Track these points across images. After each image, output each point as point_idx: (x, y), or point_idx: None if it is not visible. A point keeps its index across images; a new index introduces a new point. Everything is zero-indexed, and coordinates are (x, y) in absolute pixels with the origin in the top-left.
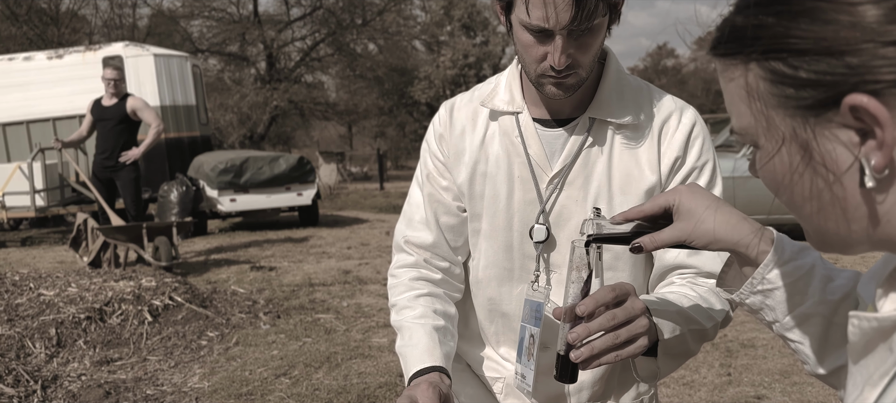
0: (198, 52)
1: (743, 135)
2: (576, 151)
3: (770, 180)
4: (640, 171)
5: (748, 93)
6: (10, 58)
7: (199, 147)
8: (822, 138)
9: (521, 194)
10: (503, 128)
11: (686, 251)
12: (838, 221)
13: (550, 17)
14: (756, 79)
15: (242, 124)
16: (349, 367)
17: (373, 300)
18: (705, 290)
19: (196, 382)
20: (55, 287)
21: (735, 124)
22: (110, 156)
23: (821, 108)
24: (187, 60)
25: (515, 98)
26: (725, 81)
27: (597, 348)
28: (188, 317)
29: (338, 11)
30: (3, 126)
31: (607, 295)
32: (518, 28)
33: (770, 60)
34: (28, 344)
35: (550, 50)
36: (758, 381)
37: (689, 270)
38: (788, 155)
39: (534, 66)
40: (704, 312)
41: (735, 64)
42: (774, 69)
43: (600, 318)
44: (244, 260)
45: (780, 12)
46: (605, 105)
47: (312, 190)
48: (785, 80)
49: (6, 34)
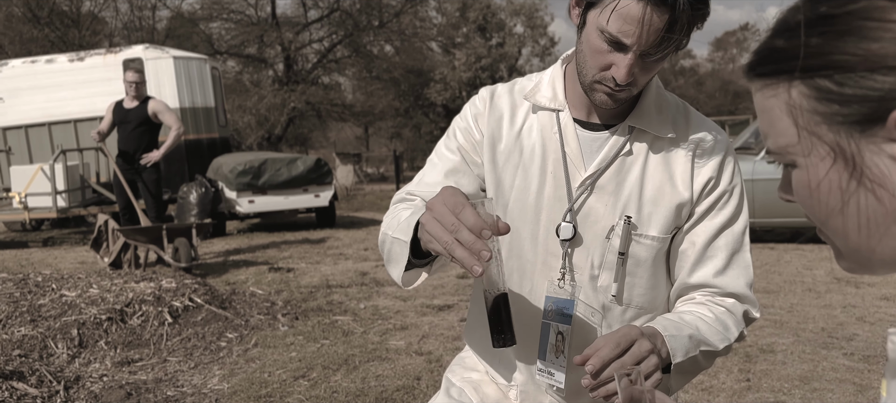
0: (216, 53)
1: (781, 155)
2: (612, 156)
3: (811, 199)
4: (672, 186)
5: (791, 111)
6: (32, 60)
7: (218, 148)
8: (869, 153)
9: (551, 190)
10: (542, 122)
11: (712, 271)
12: (884, 238)
13: (635, 34)
14: (800, 96)
15: (260, 126)
16: (367, 370)
17: (390, 302)
18: (722, 311)
19: (216, 383)
20: (77, 288)
21: (773, 143)
22: (132, 158)
23: (867, 124)
24: (206, 63)
25: (558, 95)
26: (764, 99)
27: (610, 390)
28: (208, 318)
29: (355, 13)
30: (25, 128)
31: (610, 351)
32: (592, 30)
33: (815, 78)
34: (50, 345)
35: (618, 63)
36: (777, 387)
37: (711, 289)
38: (837, 172)
39: (594, 72)
40: (719, 334)
41: (777, 83)
42: (820, 86)
43: (609, 370)
44: (262, 262)
45: (824, 33)
46: (645, 116)
47: (330, 191)
48: (831, 97)
49: (28, 36)
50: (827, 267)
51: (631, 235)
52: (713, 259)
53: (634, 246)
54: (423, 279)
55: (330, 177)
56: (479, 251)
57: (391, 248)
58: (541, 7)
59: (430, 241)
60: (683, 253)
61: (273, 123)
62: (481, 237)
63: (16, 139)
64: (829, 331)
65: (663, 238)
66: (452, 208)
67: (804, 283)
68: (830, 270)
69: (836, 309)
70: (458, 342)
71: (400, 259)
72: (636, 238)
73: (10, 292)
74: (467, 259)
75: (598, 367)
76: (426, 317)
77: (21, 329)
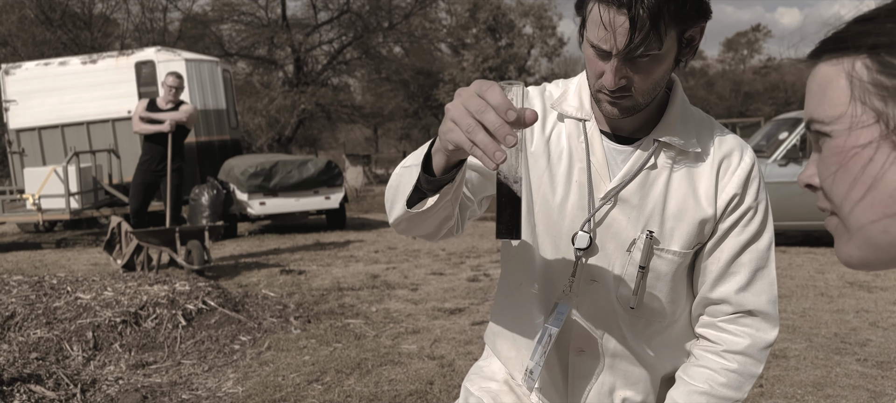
0: (227, 55)
1: (824, 123)
2: (636, 169)
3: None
4: (696, 202)
5: (850, 79)
6: (45, 63)
7: (230, 150)
8: None
9: (575, 198)
10: (569, 131)
11: (735, 287)
12: None
13: (608, 39)
14: (863, 68)
15: (271, 127)
16: (379, 374)
17: (401, 305)
18: (736, 364)
19: (230, 387)
20: (91, 290)
21: (820, 112)
22: (158, 160)
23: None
24: (218, 65)
25: (584, 105)
26: (825, 68)
27: None
28: (221, 321)
29: (364, 15)
30: (38, 129)
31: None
32: (585, 42)
33: (881, 53)
34: (66, 347)
35: (606, 69)
36: (790, 393)
37: (730, 305)
38: (878, 142)
39: (593, 81)
40: (732, 390)
41: (842, 56)
42: (884, 61)
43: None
44: (274, 264)
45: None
46: (670, 129)
47: (340, 193)
48: (892, 72)
49: (40, 39)
50: (839, 271)
51: (652, 249)
52: (736, 275)
53: (656, 261)
54: (431, 203)
55: (340, 179)
56: (504, 135)
57: (400, 182)
58: (550, 7)
59: (451, 131)
60: (706, 269)
61: (283, 125)
62: (507, 118)
63: (29, 141)
64: (842, 336)
65: (685, 253)
66: (478, 89)
67: (816, 287)
68: (843, 274)
69: (849, 314)
70: (471, 346)
71: (408, 185)
72: (658, 252)
73: (25, 294)
74: (490, 145)
75: None
76: (438, 321)
77: (37, 331)
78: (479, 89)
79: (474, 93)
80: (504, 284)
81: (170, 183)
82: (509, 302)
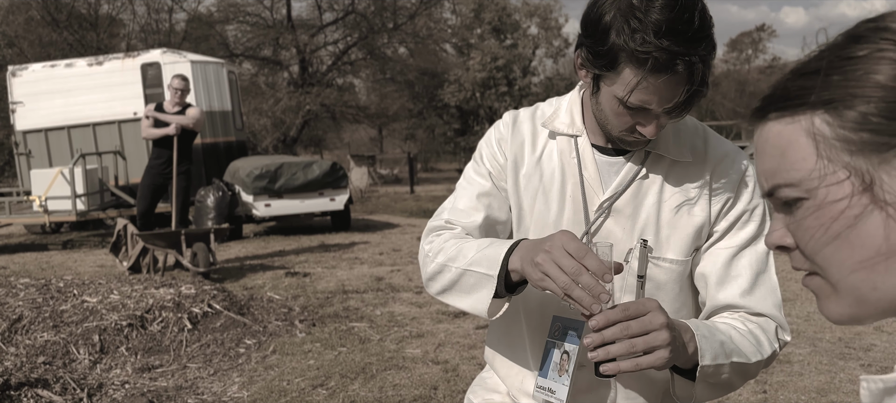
0: (232, 56)
1: (793, 187)
2: (629, 180)
3: (818, 229)
4: (689, 208)
5: (812, 136)
6: (52, 65)
7: (235, 152)
8: (887, 178)
9: (570, 213)
10: (561, 148)
11: (738, 291)
12: (888, 271)
13: (656, 101)
14: (823, 123)
15: (276, 128)
16: (384, 378)
17: (406, 309)
18: (755, 326)
19: (235, 391)
20: (98, 294)
21: (786, 176)
22: (167, 162)
23: (887, 149)
24: (223, 67)
25: (575, 122)
26: (780, 128)
27: (612, 352)
28: (226, 325)
29: (369, 16)
30: (45, 131)
31: (618, 314)
32: (609, 98)
33: (838, 106)
34: (72, 350)
35: (644, 121)
36: (794, 399)
37: (740, 310)
38: (851, 197)
39: (618, 130)
40: (752, 347)
41: (796, 113)
42: (843, 114)
43: (613, 329)
44: (279, 266)
45: (847, 71)
46: (662, 140)
47: (345, 195)
48: (854, 124)
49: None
50: None
51: (648, 258)
52: (737, 278)
53: (653, 269)
54: (505, 309)
55: (345, 180)
56: (598, 294)
57: (463, 280)
58: (555, 8)
59: (543, 280)
60: (705, 275)
61: (288, 125)
62: (604, 280)
63: (36, 142)
64: (846, 341)
65: (683, 260)
66: (575, 253)
67: None
68: None
69: None
70: (475, 351)
71: (481, 290)
72: (654, 261)
73: (32, 297)
74: (586, 299)
75: (602, 324)
76: (442, 325)
77: (44, 334)
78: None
79: (567, 254)
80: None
81: (176, 185)
82: (502, 321)
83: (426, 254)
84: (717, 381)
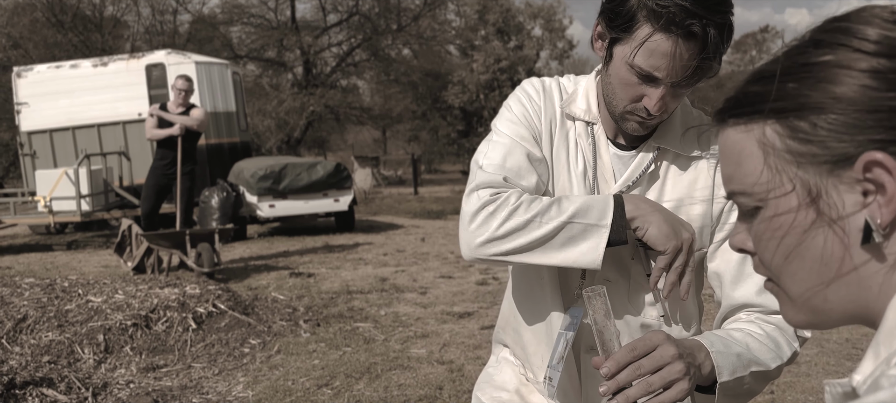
0: (237, 57)
1: (744, 195)
2: (638, 175)
3: (770, 239)
4: (696, 203)
5: (762, 147)
6: (57, 65)
7: (239, 153)
8: (835, 193)
9: None
10: (578, 132)
11: (754, 289)
12: (836, 282)
13: (666, 67)
14: (773, 134)
15: (280, 129)
16: (389, 378)
17: (410, 309)
18: (773, 328)
19: (240, 391)
20: (103, 293)
21: (737, 185)
22: (171, 163)
23: (835, 164)
24: (228, 68)
25: (592, 108)
26: (734, 135)
27: (631, 395)
28: (231, 325)
29: (373, 17)
30: (50, 132)
31: (626, 356)
32: (620, 64)
33: (790, 117)
34: (77, 350)
35: (649, 94)
36: (801, 400)
37: (757, 309)
38: (799, 209)
39: (624, 103)
40: (771, 352)
41: (750, 122)
42: (794, 126)
43: (625, 372)
44: (283, 267)
45: (801, 79)
46: (670, 135)
47: (349, 196)
48: (804, 136)
49: (51, 41)
50: None
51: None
52: (753, 276)
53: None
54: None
55: (349, 181)
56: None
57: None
58: (559, 10)
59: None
60: (719, 273)
61: (292, 127)
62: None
63: (40, 143)
64: (853, 342)
65: None
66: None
67: None
68: None
69: None
70: (480, 351)
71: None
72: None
73: (37, 297)
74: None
75: (613, 370)
76: (447, 325)
77: (49, 334)
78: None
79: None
80: (520, 281)
81: (180, 186)
82: (527, 297)
83: (498, 207)
84: (738, 392)
